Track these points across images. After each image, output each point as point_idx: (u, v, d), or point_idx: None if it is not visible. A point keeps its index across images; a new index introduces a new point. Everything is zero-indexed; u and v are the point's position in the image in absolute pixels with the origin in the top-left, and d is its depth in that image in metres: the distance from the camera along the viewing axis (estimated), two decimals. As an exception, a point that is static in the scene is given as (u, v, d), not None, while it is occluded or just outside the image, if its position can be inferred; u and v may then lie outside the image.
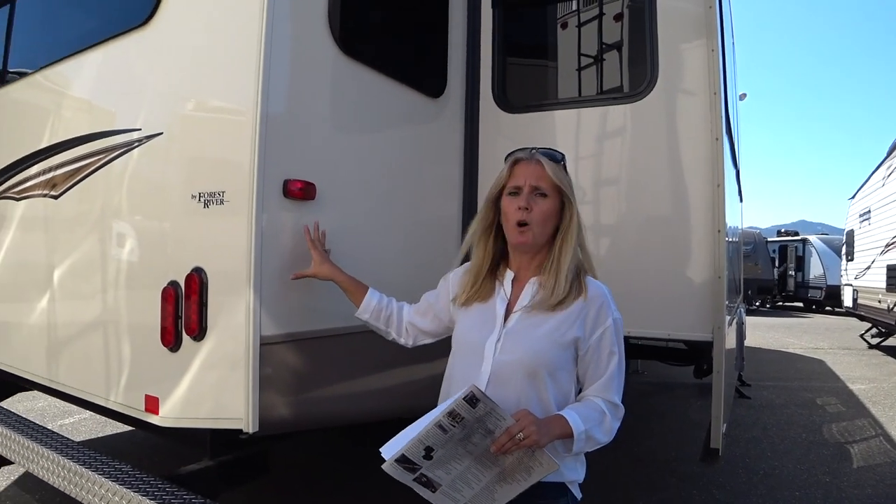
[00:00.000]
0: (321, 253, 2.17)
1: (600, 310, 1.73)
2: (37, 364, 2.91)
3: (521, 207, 1.72)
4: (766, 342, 12.94)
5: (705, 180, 2.81)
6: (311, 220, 2.23)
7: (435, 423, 1.45)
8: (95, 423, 5.11)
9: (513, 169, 1.79)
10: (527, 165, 1.77)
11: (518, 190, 1.75)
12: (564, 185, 1.77)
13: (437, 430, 1.45)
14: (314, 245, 2.17)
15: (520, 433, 1.48)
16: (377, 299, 2.10)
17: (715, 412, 2.86)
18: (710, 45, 2.83)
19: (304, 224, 2.21)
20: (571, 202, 1.77)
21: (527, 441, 1.48)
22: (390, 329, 2.10)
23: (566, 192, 1.77)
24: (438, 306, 2.00)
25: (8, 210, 3.13)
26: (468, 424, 1.47)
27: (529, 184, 1.74)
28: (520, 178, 1.76)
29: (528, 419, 1.52)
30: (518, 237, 1.75)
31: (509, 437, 1.48)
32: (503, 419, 1.49)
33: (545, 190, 1.74)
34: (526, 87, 3.39)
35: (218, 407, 2.11)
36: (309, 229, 2.19)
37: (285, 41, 2.17)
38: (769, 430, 5.94)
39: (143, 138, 2.35)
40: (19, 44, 3.36)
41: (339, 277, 2.14)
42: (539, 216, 1.73)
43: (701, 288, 2.81)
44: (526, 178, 1.75)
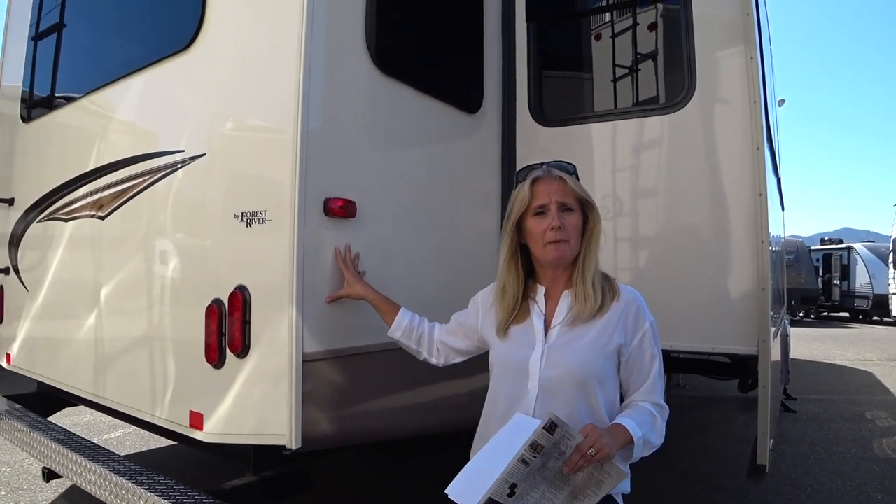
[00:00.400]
0: (353, 273, 2.19)
1: (637, 314, 1.76)
2: (84, 380, 2.98)
3: (554, 227, 1.72)
4: (812, 354, 12.59)
5: (747, 190, 2.76)
6: (353, 238, 2.25)
7: (518, 459, 1.43)
8: (139, 438, 5.20)
9: (534, 188, 1.78)
10: (548, 183, 1.77)
11: (544, 209, 1.75)
12: (586, 195, 1.79)
13: (520, 465, 1.44)
14: (346, 265, 2.19)
15: (591, 448, 1.48)
16: (409, 318, 2.13)
17: (761, 427, 2.78)
18: (748, 53, 2.79)
19: (348, 242, 2.23)
20: (594, 210, 1.79)
21: (599, 455, 1.49)
22: (421, 348, 2.13)
23: (590, 201, 1.78)
24: (468, 325, 2.01)
25: (57, 231, 3.22)
26: (547, 452, 1.47)
27: (556, 200, 1.74)
28: (543, 196, 1.75)
29: (597, 433, 1.51)
30: (554, 253, 1.74)
31: (581, 455, 1.48)
32: (574, 438, 1.49)
33: (571, 205, 1.76)
34: (562, 101, 3.38)
35: (261, 423, 2.13)
36: (339, 251, 2.21)
37: (323, 61, 2.20)
38: (816, 445, 5.76)
39: (187, 159, 2.41)
40: (66, 70, 3.47)
41: (372, 296, 2.17)
42: (572, 231, 1.74)
43: (744, 300, 2.76)
44: (550, 195, 1.74)
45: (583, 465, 1.49)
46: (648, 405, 1.72)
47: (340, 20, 2.32)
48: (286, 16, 2.16)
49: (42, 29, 3.69)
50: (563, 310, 1.78)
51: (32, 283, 3.46)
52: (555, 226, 1.71)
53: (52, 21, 3.58)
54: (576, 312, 1.74)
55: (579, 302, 1.74)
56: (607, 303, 1.74)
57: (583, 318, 1.72)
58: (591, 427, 1.54)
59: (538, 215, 1.76)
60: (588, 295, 1.72)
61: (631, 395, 1.77)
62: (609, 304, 1.74)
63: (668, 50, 3.16)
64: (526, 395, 1.71)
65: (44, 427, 2.89)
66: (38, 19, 3.74)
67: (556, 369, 1.70)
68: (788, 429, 6.25)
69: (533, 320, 1.80)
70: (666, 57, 3.19)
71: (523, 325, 1.81)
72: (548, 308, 1.81)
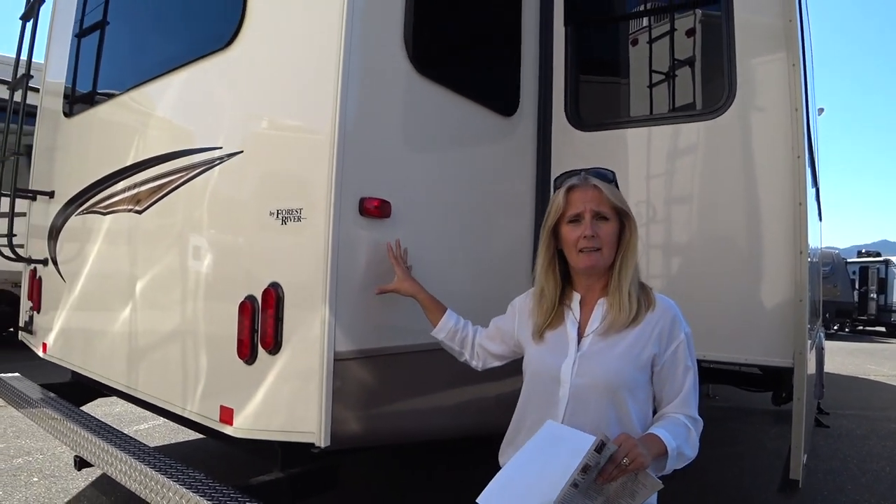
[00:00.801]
0: (404, 269, 2.22)
1: (673, 324, 1.73)
2: (117, 371, 3.03)
3: (586, 236, 1.72)
4: (846, 368, 12.31)
5: (786, 199, 2.71)
6: (386, 238, 2.26)
7: (570, 484, 1.41)
8: (168, 430, 5.27)
9: (569, 196, 1.77)
10: (583, 191, 1.76)
11: (579, 217, 1.75)
12: (623, 204, 1.77)
13: (572, 490, 1.42)
14: (397, 261, 2.22)
15: (625, 458, 1.46)
16: (454, 321, 2.15)
17: (795, 441, 2.72)
18: (790, 60, 2.74)
19: (381, 242, 2.24)
20: (631, 219, 1.77)
21: (633, 465, 1.46)
22: (464, 350, 2.14)
23: (626, 211, 1.77)
24: (505, 330, 2.02)
25: (95, 224, 3.28)
26: (593, 471, 1.44)
27: (590, 209, 1.73)
28: (578, 204, 1.75)
29: (631, 442, 1.49)
30: (586, 261, 1.74)
31: (615, 465, 1.46)
32: (608, 449, 1.46)
33: (606, 214, 1.74)
34: (598, 105, 3.35)
35: (291, 420, 2.14)
36: (391, 246, 2.23)
37: (362, 62, 2.21)
38: (849, 461, 5.62)
39: (225, 156, 2.44)
40: (108, 67, 3.54)
41: (421, 295, 2.19)
42: (606, 240, 1.73)
43: (781, 311, 2.70)
44: (585, 203, 1.74)
45: (616, 476, 1.47)
46: (682, 417, 1.70)
47: (379, 21, 2.33)
48: (325, 16, 2.18)
49: (85, 27, 3.76)
50: (597, 318, 1.77)
51: (69, 275, 3.54)
52: (587, 234, 1.72)
53: (95, 19, 3.65)
54: (609, 322, 1.73)
55: (613, 311, 1.73)
56: (642, 312, 1.73)
57: (616, 327, 1.71)
58: (626, 437, 1.52)
59: (572, 223, 1.76)
60: (623, 304, 1.71)
61: (664, 406, 1.75)
62: (644, 313, 1.73)
63: (707, 56, 3.12)
64: (556, 403, 1.71)
65: (76, 416, 2.93)
66: (81, 17, 3.82)
67: (587, 377, 1.70)
68: (821, 444, 6.11)
69: (567, 327, 1.80)
70: (704, 63, 3.15)
71: (557, 331, 1.81)
72: (582, 316, 1.80)
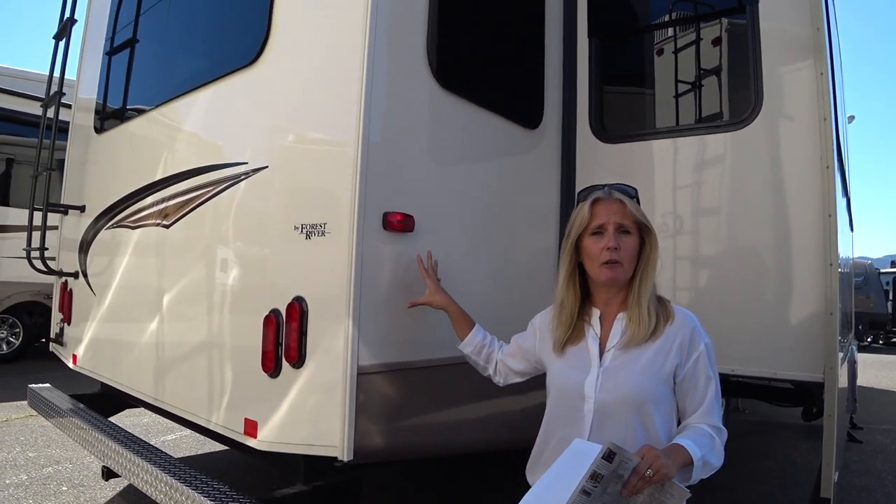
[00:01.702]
0: (435, 282, 2.24)
1: (692, 335, 1.75)
2: (144, 383, 3.07)
3: (609, 248, 1.73)
4: (880, 382, 12.01)
5: (815, 210, 2.66)
6: (411, 252, 2.27)
7: (580, 491, 1.42)
8: (195, 441, 5.32)
9: (593, 209, 1.79)
10: (608, 204, 1.78)
11: (602, 229, 1.76)
12: (645, 219, 1.79)
13: (582, 496, 1.43)
14: (428, 274, 2.24)
15: (648, 470, 1.46)
16: (482, 336, 2.17)
17: (826, 458, 2.67)
18: (818, 68, 2.70)
19: (405, 256, 2.25)
20: (652, 234, 1.79)
21: (657, 476, 1.47)
22: (488, 366, 2.16)
23: (648, 226, 1.78)
24: (526, 348, 2.04)
25: (124, 238, 3.34)
26: (606, 479, 1.45)
27: (614, 221, 1.75)
28: (602, 216, 1.77)
29: (654, 453, 1.50)
30: (608, 273, 1.76)
31: (639, 477, 1.47)
32: (631, 461, 1.47)
33: (629, 227, 1.76)
34: (623, 117, 3.33)
35: (314, 434, 2.15)
36: (422, 258, 2.25)
37: (385, 77, 2.22)
38: (884, 478, 5.47)
39: (250, 171, 2.47)
40: (137, 84, 3.62)
41: (452, 308, 2.21)
42: (626, 253, 1.75)
43: (811, 324, 2.65)
44: (609, 216, 1.76)
45: (641, 487, 1.47)
46: (706, 426, 1.70)
47: (402, 36, 2.34)
48: (349, 33, 2.20)
49: (115, 45, 3.85)
50: (617, 332, 1.78)
51: (99, 288, 3.60)
52: (611, 246, 1.73)
53: (125, 37, 3.74)
54: (629, 336, 1.74)
55: (633, 325, 1.74)
56: (661, 326, 1.74)
57: (636, 341, 1.73)
58: (648, 448, 1.52)
59: (595, 235, 1.77)
60: (642, 318, 1.72)
61: (687, 417, 1.75)
62: (663, 327, 1.74)
63: (733, 65, 3.09)
64: (582, 419, 1.72)
65: (104, 427, 2.97)
66: (112, 36, 3.91)
67: (612, 392, 1.70)
68: (854, 459, 5.96)
69: (588, 343, 1.81)
70: (731, 73, 3.12)
71: (579, 347, 1.82)
72: (603, 331, 1.81)
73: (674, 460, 1.54)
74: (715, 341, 1.84)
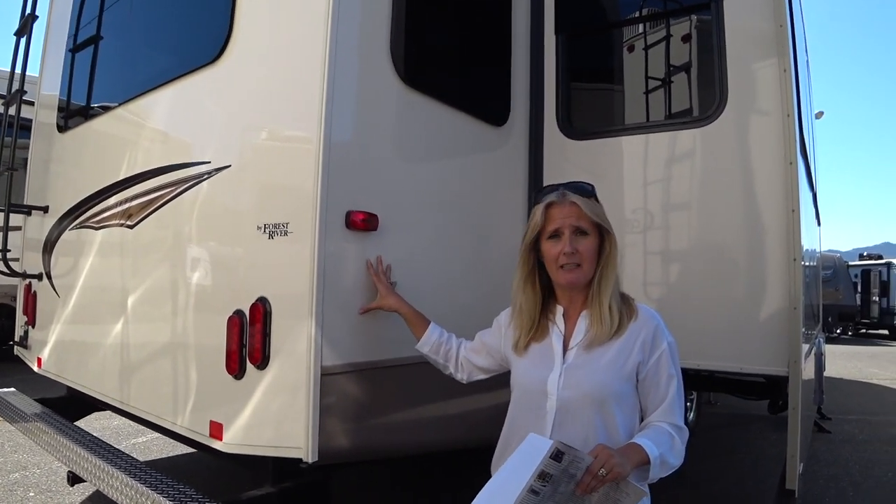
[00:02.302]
0: (386, 285, 2.21)
1: (655, 333, 1.75)
2: (110, 386, 3.02)
3: (566, 252, 1.73)
4: (848, 372, 12.25)
5: (779, 206, 2.69)
6: (374, 251, 2.25)
7: (528, 490, 1.41)
8: (166, 443, 5.24)
9: (548, 212, 1.78)
10: (562, 208, 1.77)
11: (558, 233, 1.75)
12: (602, 219, 1.77)
13: (530, 496, 1.41)
14: (378, 278, 2.21)
15: (601, 469, 1.46)
16: (438, 334, 2.15)
17: (791, 451, 2.71)
18: (781, 65, 2.73)
19: (366, 257, 2.23)
20: (610, 234, 1.78)
21: (610, 475, 1.47)
22: (448, 364, 2.15)
23: (604, 226, 1.77)
24: (491, 345, 2.03)
25: (87, 238, 3.28)
26: (556, 479, 1.44)
27: (570, 224, 1.74)
28: (557, 220, 1.76)
29: (607, 452, 1.50)
30: (567, 277, 1.76)
31: (592, 476, 1.46)
32: (583, 460, 1.47)
33: (585, 228, 1.75)
34: (591, 113, 3.34)
35: (279, 435, 2.13)
36: (371, 263, 2.22)
37: (348, 75, 2.20)
38: (850, 467, 5.58)
39: (213, 170, 2.43)
40: (101, 82, 3.55)
41: (404, 309, 2.19)
42: (586, 255, 1.74)
43: (775, 319, 2.69)
44: (564, 219, 1.75)
45: (595, 487, 1.47)
46: (666, 425, 1.70)
47: (366, 33, 2.32)
48: (311, 30, 2.18)
49: (78, 42, 3.77)
50: (581, 330, 1.79)
51: (63, 290, 3.53)
52: (567, 251, 1.72)
53: (89, 34, 3.66)
54: (591, 336, 1.74)
55: (595, 325, 1.74)
56: (624, 324, 1.74)
57: (599, 340, 1.73)
58: (601, 447, 1.53)
59: (552, 239, 1.77)
60: (604, 318, 1.73)
61: (649, 415, 1.75)
62: (627, 324, 1.75)
63: (702, 62, 3.10)
64: (544, 416, 1.72)
65: (69, 431, 2.92)
66: (75, 32, 3.83)
67: (574, 390, 1.71)
68: (822, 449, 6.07)
69: (552, 341, 1.81)
70: (700, 69, 3.14)
71: (542, 345, 1.82)
72: (566, 328, 1.82)
73: (629, 459, 1.54)
74: (682, 337, 1.86)
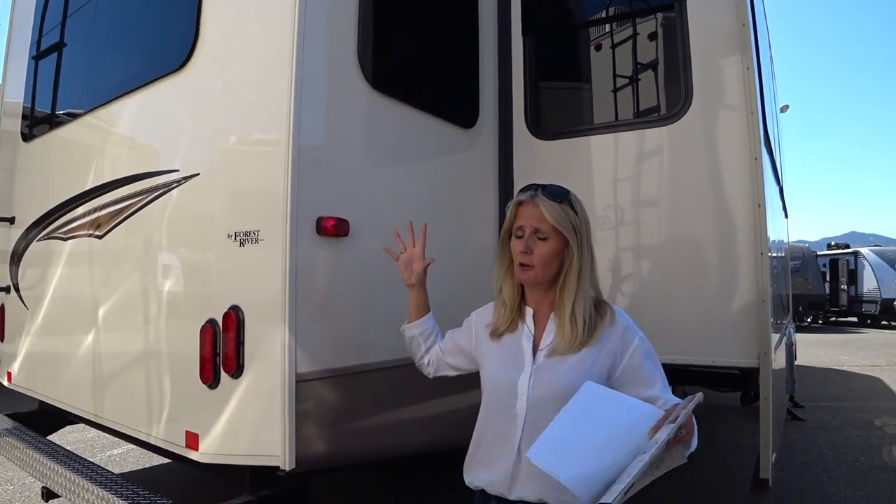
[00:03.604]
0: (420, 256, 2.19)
1: (624, 334, 1.77)
2: (82, 399, 2.98)
3: (521, 251, 1.76)
4: (819, 360, 12.49)
5: (746, 200, 2.74)
6: (346, 257, 2.26)
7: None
8: (143, 455, 5.18)
9: (517, 210, 1.82)
10: (528, 208, 1.79)
11: (521, 231, 1.78)
12: (563, 227, 1.75)
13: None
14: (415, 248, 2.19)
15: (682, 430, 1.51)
16: (431, 325, 2.13)
17: (763, 441, 2.75)
18: (745, 62, 2.78)
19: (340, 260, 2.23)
20: (574, 244, 1.76)
21: (685, 437, 1.54)
22: (426, 355, 2.10)
23: (566, 234, 1.75)
24: (461, 344, 2.02)
25: (56, 249, 3.23)
26: None
27: (531, 226, 1.76)
28: (522, 219, 1.79)
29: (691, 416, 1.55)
30: (520, 275, 1.80)
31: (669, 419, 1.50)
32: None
33: (545, 233, 1.76)
34: (560, 114, 3.37)
35: (255, 444, 2.12)
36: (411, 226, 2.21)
37: (315, 81, 2.20)
38: (824, 453, 5.70)
39: (182, 179, 2.41)
40: (66, 90, 3.49)
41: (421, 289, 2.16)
42: (539, 258, 1.76)
43: (744, 312, 2.73)
44: (528, 220, 1.77)
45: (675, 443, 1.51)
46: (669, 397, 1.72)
47: (333, 38, 2.32)
48: (277, 37, 2.17)
49: (42, 48, 3.70)
50: (549, 333, 1.80)
51: (32, 302, 3.47)
52: (521, 250, 1.76)
53: (53, 40, 3.60)
54: (555, 345, 1.75)
55: (559, 333, 1.76)
56: (598, 331, 1.75)
57: (560, 350, 1.74)
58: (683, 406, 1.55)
59: (517, 237, 1.80)
60: (565, 328, 1.74)
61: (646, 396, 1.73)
62: (599, 331, 1.75)
63: (668, 60, 3.14)
64: (515, 416, 1.73)
65: (41, 446, 2.88)
66: (38, 38, 3.76)
67: (543, 389, 1.72)
68: (796, 437, 6.19)
69: (522, 341, 1.82)
70: (666, 67, 3.17)
71: (513, 344, 1.83)
72: (536, 330, 1.83)
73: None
74: (654, 332, 1.86)
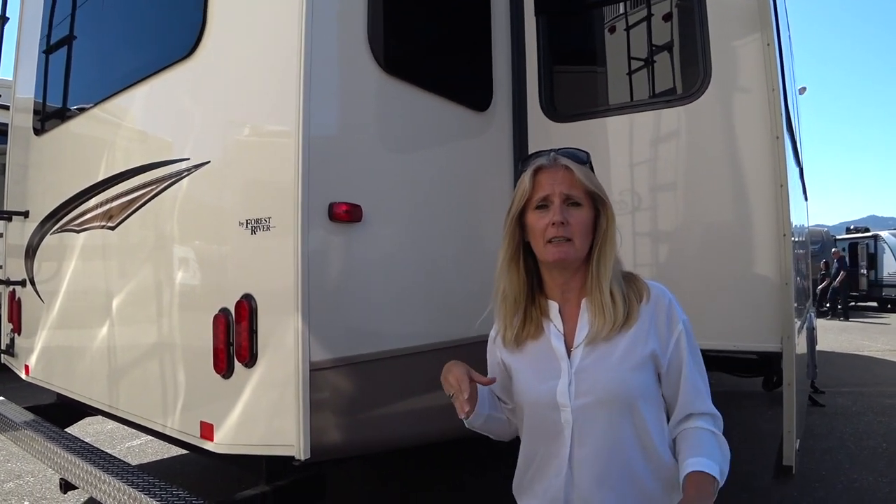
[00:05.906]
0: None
1: (669, 315, 1.51)
2: (98, 390, 2.99)
3: (555, 223, 1.46)
4: (840, 345, 12.33)
5: (767, 181, 2.67)
6: (359, 243, 2.22)
7: None
8: (161, 445, 5.20)
9: (536, 178, 1.51)
10: (553, 172, 1.50)
11: (547, 202, 1.49)
12: (599, 188, 1.52)
13: None
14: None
15: None
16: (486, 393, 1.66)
17: (787, 427, 2.69)
18: (764, 40, 2.70)
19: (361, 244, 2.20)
20: (607, 206, 1.52)
21: None
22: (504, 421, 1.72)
23: (601, 196, 1.51)
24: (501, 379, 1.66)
25: (69, 242, 3.23)
26: None
27: (560, 192, 1.47)
28: (546, 187, 1.49)
29: None
30: (555, 252, 1.48)
31: None
32: None
33: (578, 199, 1.49)
34: (575, 95, 3.31)
35: (270, 433, 2.11)
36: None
37: (325, 65, 2.17)
38: (846, 439, 5.62)
39: (192, 167, 2.39)
40: (76, 83, 3.49)
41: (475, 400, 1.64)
42: (578, 228, 1.47)
43: (767, 295, 2.67)
44: (554, 186, 1.48)
45: None
46: (703, 424, 1.50)
47: (343, 22, 2.28)
48: (286, 22, 2.13)
49: (52, 42, 3.70)
50: (583, 325, 1.52)
51: (47, 295, 3.48)
52: (556, 221, 1.45)
53: (62, 34, 3.59)
54: (595, 331, 1.48)
55: (598, 316, 1.48)
56: (634, 309, 1.49)
57: (604, 334, 1.46)
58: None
59: (540, 209, 1.50)
60: (606, 306, 1.47)
61: (677, 406, 1.54)
62: (637, 308, 1.49)
63: (684, 39, 3.07)
64: (560, 431, 1.48)
65: (59, 438, 2.89)
66: (48, 33, 3.76)
67: (589, 396, 1.46)
68: (817, 423, 6.11)
69: (551, 343, 1.53)
70: (682, 47, 3.10)
71: (540, 348, 1.55)
72: (566, 326, 1.54)
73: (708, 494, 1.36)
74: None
